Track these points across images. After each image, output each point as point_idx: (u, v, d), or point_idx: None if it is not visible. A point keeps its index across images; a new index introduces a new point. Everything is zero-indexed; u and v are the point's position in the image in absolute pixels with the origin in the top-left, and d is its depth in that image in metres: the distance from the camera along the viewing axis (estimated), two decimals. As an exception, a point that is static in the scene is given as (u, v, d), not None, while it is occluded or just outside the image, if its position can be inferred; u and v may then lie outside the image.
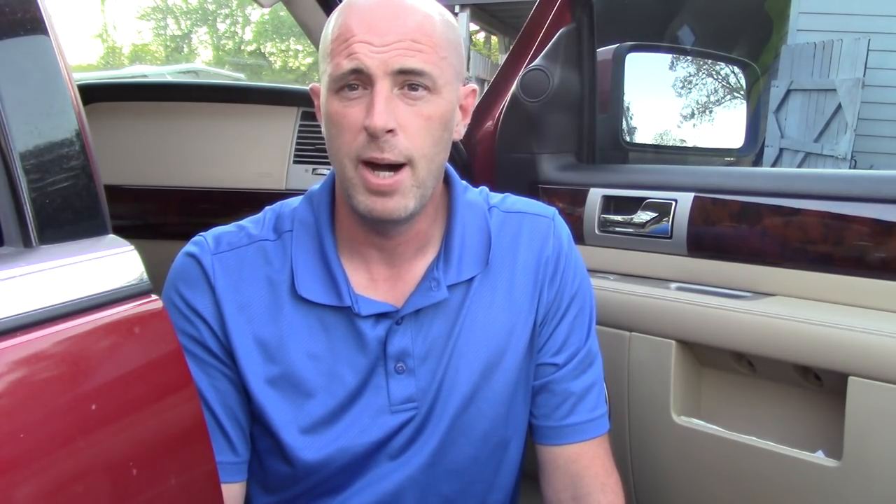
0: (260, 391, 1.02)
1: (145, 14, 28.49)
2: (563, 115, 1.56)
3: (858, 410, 1.10)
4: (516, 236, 1.11)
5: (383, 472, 1.06)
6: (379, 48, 0.93)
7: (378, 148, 0.93)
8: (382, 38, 0.93)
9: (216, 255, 1.03)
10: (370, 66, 0.92)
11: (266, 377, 1.02)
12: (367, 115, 0.93)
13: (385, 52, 0.93)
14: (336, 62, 0.94)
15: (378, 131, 0.92)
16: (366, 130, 0.93)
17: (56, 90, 0.72)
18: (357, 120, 0.94)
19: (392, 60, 0.93)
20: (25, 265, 0.66)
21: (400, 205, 0.96)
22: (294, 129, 1.99)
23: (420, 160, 0.96)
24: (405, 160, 0.95)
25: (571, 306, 1.12)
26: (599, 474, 1.11)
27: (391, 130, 0.93)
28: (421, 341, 1.05)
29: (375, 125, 0.91)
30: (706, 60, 2.13)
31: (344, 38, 0.94)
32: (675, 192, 1.36)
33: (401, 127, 0.94)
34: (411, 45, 0.93)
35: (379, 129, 0.92)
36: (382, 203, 0.95)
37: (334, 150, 0.98)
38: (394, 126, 0.93)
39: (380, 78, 0.93)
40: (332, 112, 0.96)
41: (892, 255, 1.13)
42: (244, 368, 1.01)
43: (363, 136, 0.93)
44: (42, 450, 0.61)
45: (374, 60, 0.92)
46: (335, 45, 0.95)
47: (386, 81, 0.93)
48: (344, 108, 0.95)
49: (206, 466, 0.76)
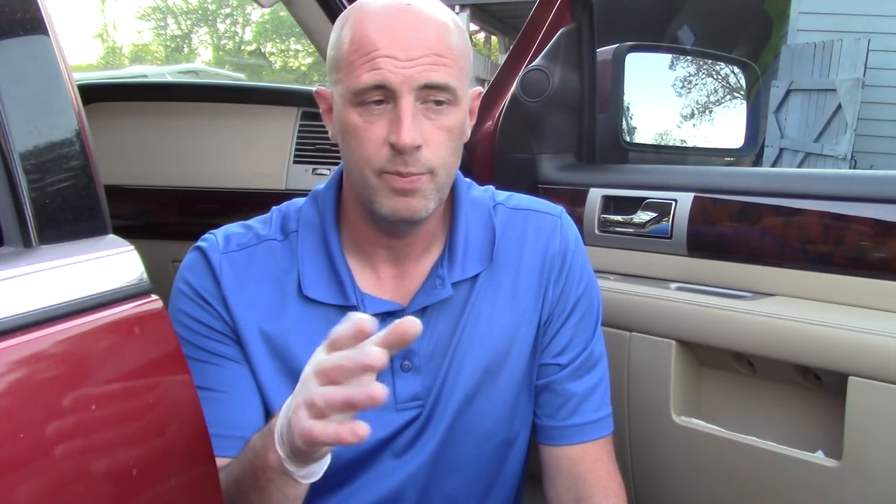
0: (267, 381, 1.02)
1: (145, 14, 28.50)
2: (563, 115, 1.56)
3: (858, 410, 1.10)
4: (522, 234, 1.11)
5: (386, 469, 1.06)
6: (404, 62, 0.92)
7: (403, 162, 0.94)
8: (407, 52, 0.92)
9: (224, 253, 1.03)
10: (395, 81, 0.92)
11: (272, 369, 1.02)
12: (394, 132, 0.92)
13: (411, 66, 0.92)
14: (357, 75, 0.93)
15: (406, 148, 0.92)
16: (392, 147, 0.93)
17: (56, 90, 0.72)
18: (380, 134, 0.94)
19: (418, 76, 0.92)
20: (25, 265, 0.66)
21: (422, 205, 0.97)
22: (294, 129, 1.99)
23: (441, 168, 0.97)
24: (427, 171, 0.95)
25: (577, 307, 1.12)
26: (602, 477, 1.11)
27: (417, 146, 0.93)
28: (427, 339, 1.05)
29: (405, 143, 0.92)
30: (706, 60, 2.13)
31: (366, 51, 0.93)
32: (675, 192, 1.36)
33: (425, 141, 0.94)
34: (436, 60, 0.93)
35: (408, 147, 0.92)
36: (406, 202, 0.96)
37: (353, 159, 0.97)
38: (421, 142, 0.93)
39: (405, 94, 0.92)
40: (351, 124, 0.96)
41: (892, 255, 1.13)
42: (252, 355, 1.02)
43: (387, 150, 0.94)
44: (42, 450, 0.61)
45: (399, 76, 0.92)
46: (355, 56, 0.94)
47: (411, 97, 0.93)
48: (365, 122, 0.95)
49: (206, 466, 0.76)
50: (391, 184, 0.95)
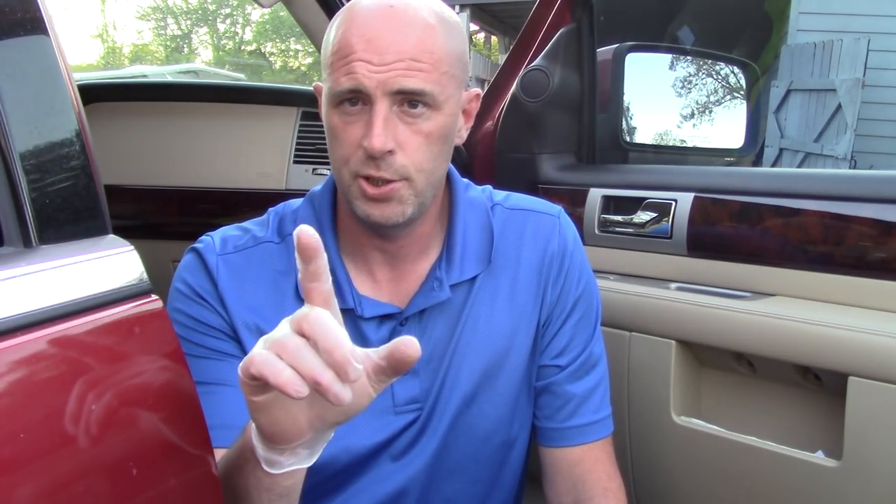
0: None
1: (145, 14, 28.51)
2: (563, 115, 1.56)
3: (858, 410, 1.10)
4: (520, 234, 1.10)
5: (385, 472, 1.06)
6: (377, 67, 0.91)
7: (375, 166, 0.93)
8: (381, 56, 0.91)
9: (221, 255, 1.03)
10: (368, 86, 0.92)
11: None
12: (366, 136, 0.92)
13: (383, 72, 0.91)
14: (335, 78, 0.94)
15: (376, 153, 0.92)
16: (364, 150, 0.93)
17: (56, 90, 0.72)
18: (355, 136, 0.94)
19: (391, 81, 0.91)
20: (25, 265, 0.66)
21: (397, 211, 0.96)
22: (294, 129, 1.99)
23: (418, 175, 0.96)
24: (401, 178, 0.95)
25: (576, 308, 1.12)
26: (602, 479, 1.11)
27: (390, 151, 0.93)
28: (425, 342, 1.04)
29: (374, 147, 0.91)
30: (706, 60, 2.13)
31: (343, 55, 0.93)
32: (675, 192, 1.36)
33: (399, 146, 0.93)
34: (411, 65, 0.92)
35: (377, 151, 0.92)
36: (380, 209, 0.96)
37: (334, 160, 0.98)
38: (392, 147, 0.93)
39: (378, 98, 0.92)
40: (332, 125, 0.96)
41: (892, 255, 1.13)
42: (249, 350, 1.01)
43: (361, 153, 0.94)
44: (42, 450, 0.61)
45: (373, 81, 0.91)
46: (334, 58, 0.94)
47: (385, 101, 0.92)
48: (343, 122, 0.95)
49: (206, 466, 0.76)
50: (365, 192, 0.95)
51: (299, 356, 0.66)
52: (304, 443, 0.75)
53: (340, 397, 0.65)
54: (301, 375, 0.65)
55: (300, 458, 0.76)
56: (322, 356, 0.66)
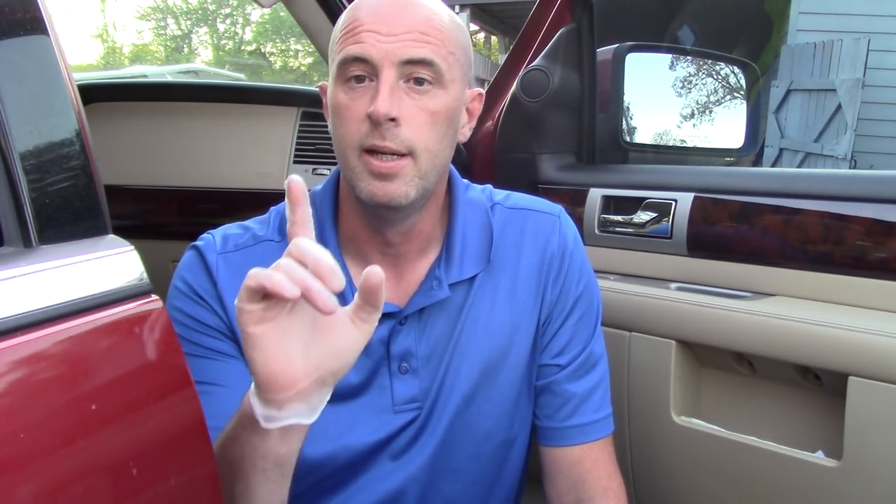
0: None
1: (145, 14, 28.50)
2: (563, 115, 1.56)
3: (858, 410, 1.10)
4: (520, 234, 1.10)
5: (384, 471, 1.06)
6: (386, 37, 0.93)
7: (380, 136, 0.93)
8: (390, 28, 0.94)
9: (221, 254, 1.03)
10: (375, 55, 0.93)
11: None
12: (371, 103, 0.93)
13: (392, 41, 0.93)
14: (341, 48, 0.96)
15: (380, 117, 0.92)
16: (369, 118, 0.93)
17: (56, 90, 0.72)
18: (361, 110, 0.94)
19: (399, 51, 0.93)
20: (25, 265, 0.66)
21: (401, 190, 0.95)
22: (294, 129, 1.99)
23: (422, 153, 0.96)
24: (407, 151, 0.95)
25: (576, 307, 1.12)
26: (602, 478, 1.11)
27: (394, 119, 0.93)
28: (424, 341, 1.05)
29: (378, 111, 0.91)
30: (706, 60, 2.13)
31: (352, 28, 0.95)
32: (675, 192, 1.36)
33: (404, 119, 0.94)
34: (419, 37, 0.94)
35: (381, 116, 0.92)
36: (384, 187, 0.95)
37: (339, 140, 0.98)
38: (396, 115, 0.93)
39: (385, 67, 0.93)
40: (337, 103, 0.97)
41: (892, 255, 1.13)
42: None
43: (367, 125, 0.94)
44: (42, 450, 0.61)
45: (381, 50, 0.93)
46: (343, 34, 0.96)
47: (392, 71, 0.93)
48: (349, 98, 0.95)
49: (206, 466, 0.76)
50: (370, 166, 0.95)
51: (291, 269, 0.73)
52: (301, 394, 0.77)
53: (328, 304, 0.72)
54: (293, 283, 0.73)
55: (298, 413, 0.79)
56: (310, 269, 0.73)
